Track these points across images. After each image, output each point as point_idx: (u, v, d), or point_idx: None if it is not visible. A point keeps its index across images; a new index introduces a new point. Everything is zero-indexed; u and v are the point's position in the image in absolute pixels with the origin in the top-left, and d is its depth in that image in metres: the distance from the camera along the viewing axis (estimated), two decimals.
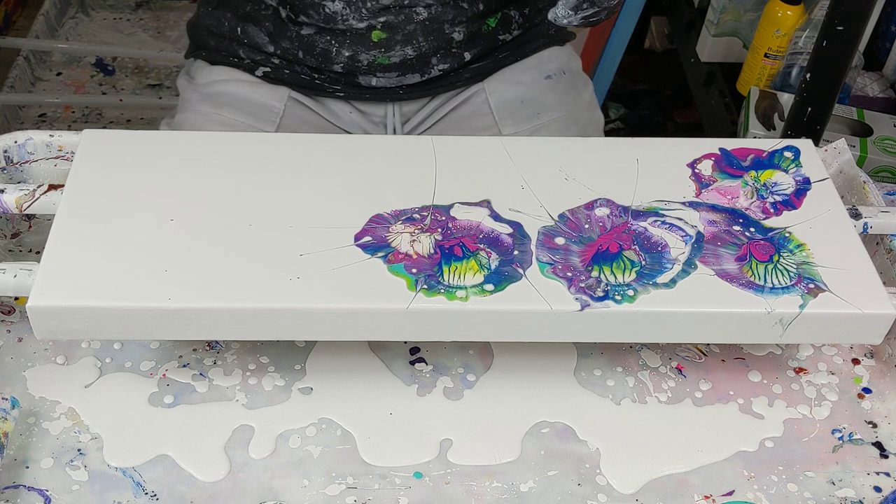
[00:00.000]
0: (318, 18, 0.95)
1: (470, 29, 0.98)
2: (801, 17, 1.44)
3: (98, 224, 0.77)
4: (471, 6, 0.96)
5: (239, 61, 1.02)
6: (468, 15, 0.96)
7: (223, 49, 1.02)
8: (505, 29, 1.01)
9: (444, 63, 1.00)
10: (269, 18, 0.98)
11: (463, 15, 0.96)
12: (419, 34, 0.97)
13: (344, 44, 0.97)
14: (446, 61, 1.00)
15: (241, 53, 1.01)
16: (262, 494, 0.73)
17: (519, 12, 1.01)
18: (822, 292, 0.76)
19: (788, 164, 0.87)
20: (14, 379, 0.79)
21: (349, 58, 0.97)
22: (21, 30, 2.02)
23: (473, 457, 0.76)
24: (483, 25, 0.99)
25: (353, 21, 0.95)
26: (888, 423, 0.80)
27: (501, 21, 1.00)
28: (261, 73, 1.02)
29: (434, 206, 0.81)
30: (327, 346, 0.83)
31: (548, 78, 1.05)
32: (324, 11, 0.95)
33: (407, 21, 0.95)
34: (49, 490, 0.72)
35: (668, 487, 0.75)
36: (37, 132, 0.90)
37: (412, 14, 0.95)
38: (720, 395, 0.81)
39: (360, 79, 1.00)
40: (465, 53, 1.01)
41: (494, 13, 0.99)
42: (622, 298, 0.74)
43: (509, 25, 1.01)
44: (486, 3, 0.97)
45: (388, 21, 0.96)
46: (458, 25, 0.97)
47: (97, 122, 1.85)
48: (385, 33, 0.96)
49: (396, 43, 0.97)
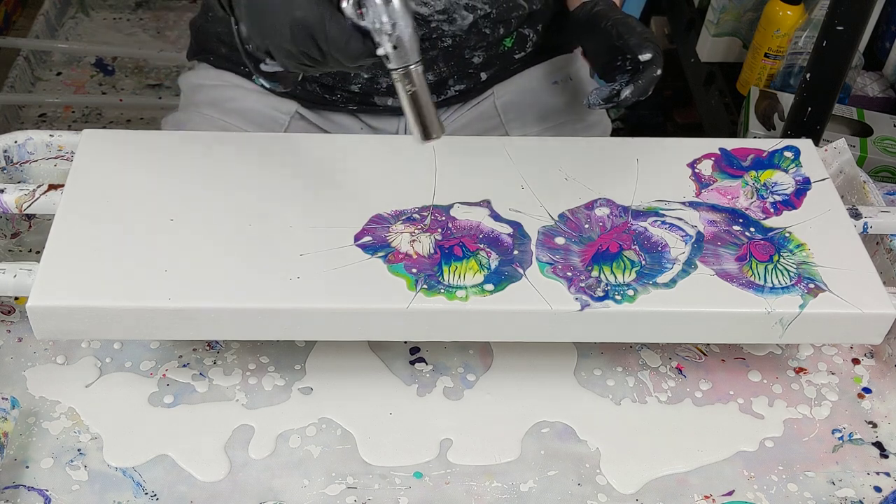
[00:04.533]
0: None
1: (489, 53, 0.98)
2: (801, 17, 1.44)
3: (98, 224, 0.77)
4: (492, 32, 0.96)
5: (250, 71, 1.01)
6: (489, 40, 0.97)
7: (234, 58, 1.01)
8: (520, 48, 1.02)
9: (461, 84, 1.01)
10: None
11: (484, 40, 0.96)
12: (440, 60, 0.97)
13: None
14: (462, 82, 1.01)
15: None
16: (262, 494, 0.73)
17: (533, 30, 1.01)
18: (822, 292, 0.76)
19: (788, 164, 0.87)
20: (14, 379, 0.79)
21: (368, 80, 0.97)
22: (21, 30, 2.02)
23: (473, 457, 0.76)
24: (500, 47, 0.99)
25: None
26: (888, 423, 0.80)
27: (517, 40, 1.00)
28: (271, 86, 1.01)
29: (434, 206, 0.81)
30: (327, 346, 0.83)
31: (555, 83, 1.06)
32: None
33: (430, 48, 0.95)
34: (49, 490, 0.72)
35: (668, 487, 0.75)
36: (37, 132, 0.90)
37: (437, 42, 0.95)
38: (720, 395, 0.81)
39: (376, 99, 1.00)
40: (481, 74, 1.01)
41: (511, 34, 0.99)
42: (622, 298, 0.74)
43: (524, 44, 1.02)
44: (506, 26, 0.97)
45: None
46: (477, 50, 0.97)
47: (97, 122, 1.85)
48: None
49: None
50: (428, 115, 0.71)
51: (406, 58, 0.68)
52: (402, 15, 0.66)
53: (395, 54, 0.68)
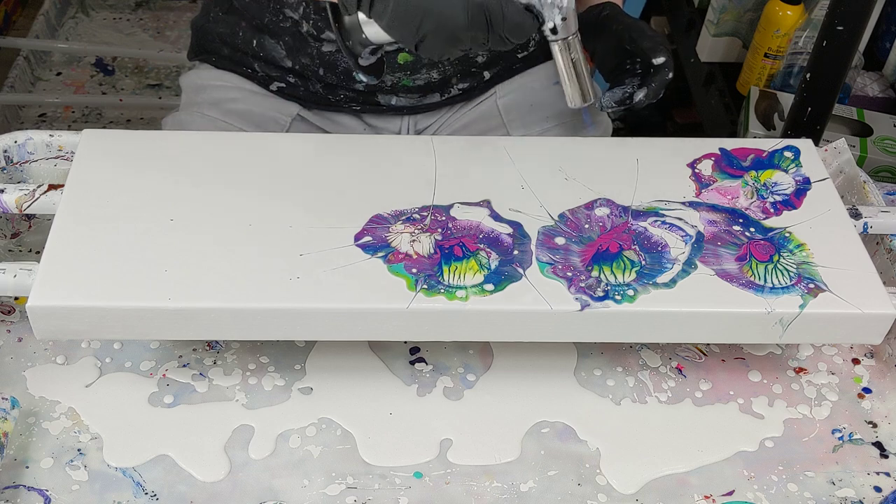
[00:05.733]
0: None
1: (493, 52, 0.98)
2: (801, 17, 1.44)
3: (98, 224, 0.77)
4: None
5: (253, 73, 1.01)
6: None
7: (237, 59, 1.01)
8: (523, 47, 1.02)
9: (464, 82, 1.02)
10: (288, 32, 0.97)
11: None
12: (446, 59, 0.97)
13: None
14: (466, 81, 1.01)
15: (255, 66, 1.01)
16: (262, 494, 0.73)
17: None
18: (822, 292, 0.76)
19: (788, 164, 0.87)
20: (14, 379, 0.79)
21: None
22: (21, 30, 2.02)
23: (473, 457, 0.76)
24: None
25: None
26: (888, 423, 0.80)
27: None
28: (275, 88, 1.01)
29: (434, 206, 0.81)
30: (327, 346, 0.83)
31: (556, 83, 1.06)
32: None
33: None
34: (49, 490, 0.72)
35: (668, 487, 0.75)
36: (37, 132, 0.90)
37: None
38: (720, 395, 0.81)
39: (379, 97, 1.00)
40: (484, 73, 1.02)
41: None
42: (622, 298, 0.74)
43: (527, 43, 1.02)
44: None
45: None
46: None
47: (97, 122, 1.85)
48: (412, 56, 0.96)
49: (422, 66, 0.98)
50: (587, 80, 0.80)
51: (571, 27, 0.76)
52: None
53: (564, 25, 0.76)
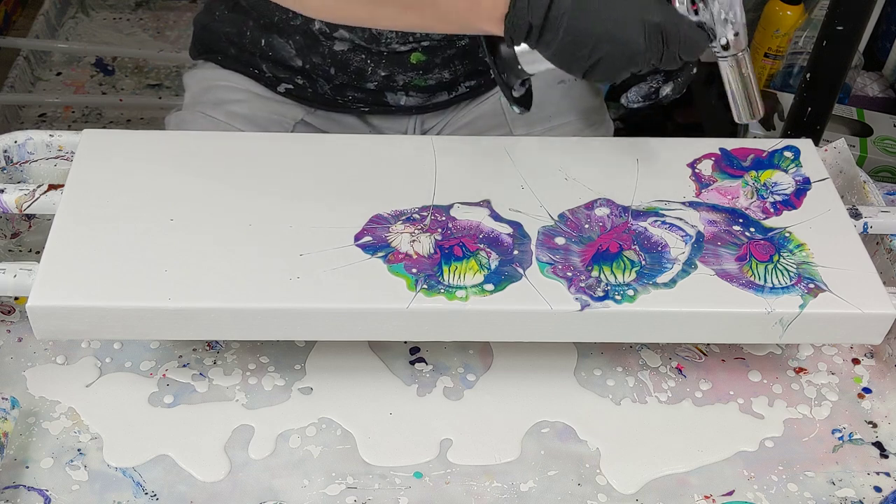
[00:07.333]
0: (361, 36, 0.95)
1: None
2: (801, 17, 1.44)
3: (98, 224, 0.77)
4: None
5: (260, 74, 1.01)
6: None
7: (244, 60, 1.00)
8: None
9: (471, 80, 1.02)
10: (298, 30, 0.96)
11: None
12: (457, 58, 0.98)
13: (380, 63, 0.97)
14: (472, 79, 1.02)
15: (263, 67, 1.00)
16: (262, 494, 0.72)
17: None
18: (822, 292, 0.76)
19: (788, 164, 0.87)
20: (14, 379, 0.79)
21: (385, 77, 0.97)
22: (21, 30, 2.02)
23: (473, 457, 0.76)
24: None
25: (397, 45, 0.95)
26: (888, 423, 0.80)
27: None
28: (282, 90, 1.01)
29: (434, 206, 0.81)
30: (327, 346, 0.83)
31: (560, 83, 1.06)
32: (370, 30, 0.94)
33: (448, 46, 0.96)
34: (49, 490, 0.72)
35: (668, 487, 0.75)
36: (37, 132, 0.90)
37: (455, 40, 0.96)
38: (720, 395, 0.81)
39: (388, 97, 1.00)
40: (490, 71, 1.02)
41: None
42: (622, 298, 0.74)
43: None
44: None
45: (431, 45, 0.96)
46: None
47: (97, 122, 1.85)
48: (425, 56, 0.97)
49: (435, 66, 0.98)
50: (756, 95, 0.79)
51: (742, 42, 0.76)
52: (740, 3, 0.75)
53: (736, 41, 0.76)
